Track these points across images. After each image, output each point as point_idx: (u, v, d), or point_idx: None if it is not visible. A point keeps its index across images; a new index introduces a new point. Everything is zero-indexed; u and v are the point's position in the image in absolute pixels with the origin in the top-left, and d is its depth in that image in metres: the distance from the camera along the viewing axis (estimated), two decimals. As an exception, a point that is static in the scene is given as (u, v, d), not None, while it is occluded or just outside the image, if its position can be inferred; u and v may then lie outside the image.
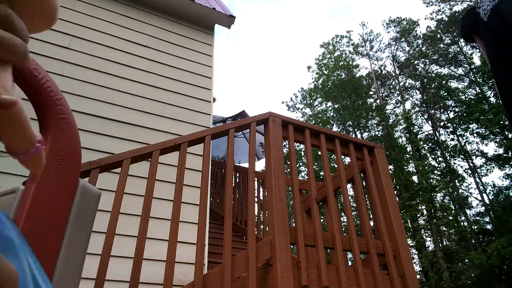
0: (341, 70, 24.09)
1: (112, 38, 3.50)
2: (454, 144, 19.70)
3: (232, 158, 2.20)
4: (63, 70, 3.08)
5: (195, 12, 4.03)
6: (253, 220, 1.96)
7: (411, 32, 22.83)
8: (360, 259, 2.05)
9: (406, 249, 2.22)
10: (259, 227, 4.75)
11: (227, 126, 2.22)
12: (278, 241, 1.83)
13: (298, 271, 1.82)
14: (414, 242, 17.09)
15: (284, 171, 2.16)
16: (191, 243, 2.72)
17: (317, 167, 16.67)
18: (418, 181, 18.18)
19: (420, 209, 17.27)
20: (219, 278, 1.70)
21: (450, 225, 17.28)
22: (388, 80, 23.67)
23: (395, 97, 23.46)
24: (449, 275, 15.38)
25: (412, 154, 19.72)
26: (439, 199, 18.56)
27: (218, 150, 8.45)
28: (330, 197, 2.25)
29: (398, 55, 23.56)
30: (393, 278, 2.05)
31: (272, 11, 72.37)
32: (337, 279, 1.92)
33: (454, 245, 17.24)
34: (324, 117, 23.84)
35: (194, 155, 2.99)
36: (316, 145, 2.42)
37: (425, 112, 21.89)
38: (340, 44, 25.31)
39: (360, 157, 2.55)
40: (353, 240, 2.10)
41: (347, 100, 23.22)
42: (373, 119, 22.69)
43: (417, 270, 16.94)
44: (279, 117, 2.33)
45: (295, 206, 2.09)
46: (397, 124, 21.35)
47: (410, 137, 19.67)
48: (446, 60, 21.52)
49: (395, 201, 2.42)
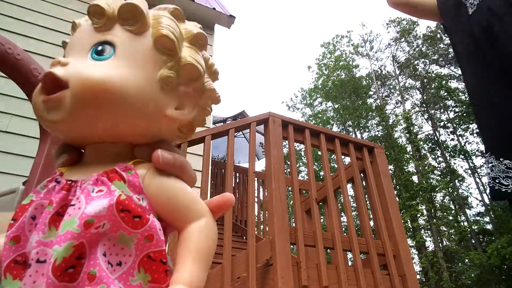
0: (341, 70, 24.07)
1: (112, 38, 3.50)
2: (454, 144, 19.68)
3: (232, 158, 2.20)
4: (63, 70, 3.08)
5: (195, 12, 4.03)
6: (253, 220, 1.96)
7: (411, 32, 22.82)
8: (360, 259, 2.05)
9: (406, 249, 2.22)
10: (259, 227, 4.75)
11: (227, 126, 2.22)
12: (278, 241, 1.83)
13: (298, 271, 1.82)
14: (414, 242, 17.07)
15: (284, 171, 2.16)
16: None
17: (317, 167, 16.67)
18: (418, 181, 18.17)
19: (420, 209, 17.26)
20: (219, 278, 1.70)
21: (450, 225, 17.27)
22: (388, 80, 23.67)
23: (395, 97, 23.46)
24: (449, 275, 15.38)
25: (412, 154, 19.71)
26: (439, 199, 18.55)
27: (218, 150, 8.44)
28: (330, 197, 2.25)
29: (398, 55, 23.56)
30: (393, 278, 2.05)
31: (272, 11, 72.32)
32: (337, 279, 1.92)
33: (454, 245, 17.23)
34: (324, 117, 23.83)
35: (194, 155, 2.99)
36: (316, 145, 2.42)
37: (425, 112, 21.89)
38: (340, 44, 25.30)
39: (360, 157, 2.55)
40: (353, 240, 2.10)
41: (347, 100, 23.21)
42: (373, 119, 22.67)
43: (417, 270, 16.94)
44: (279, 117, 2.33)
45: (295, 206, 2.09)
46: (397, 124, 21.34)
47: (410, 137, 19.67)
48: (446, 60, 21.51)
49: (395, 201, 2.42)
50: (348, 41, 25.22)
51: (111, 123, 0.40)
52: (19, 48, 0.98)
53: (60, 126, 0.40)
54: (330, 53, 25.17)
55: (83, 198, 0.36)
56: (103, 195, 0.36)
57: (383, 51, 24.28)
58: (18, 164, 2.49)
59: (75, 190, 0.38)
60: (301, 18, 64.71)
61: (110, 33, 0.42)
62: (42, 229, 0.35)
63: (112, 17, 0.42)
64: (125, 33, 0.42)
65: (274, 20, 78.14)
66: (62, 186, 0.39)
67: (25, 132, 2.65)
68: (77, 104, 0.37)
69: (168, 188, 0.41)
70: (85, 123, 0.39)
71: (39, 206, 0.38)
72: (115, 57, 0.40)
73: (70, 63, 0.39)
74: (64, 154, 0.44)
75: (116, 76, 0.38)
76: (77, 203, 0.36)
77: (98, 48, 0.41)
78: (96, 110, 0.38)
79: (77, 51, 0.42)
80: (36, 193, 0.40)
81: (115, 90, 0.38)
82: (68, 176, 0.40)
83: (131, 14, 0.42)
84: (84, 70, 0.38)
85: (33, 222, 0.37)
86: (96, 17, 0.42)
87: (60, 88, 0.38)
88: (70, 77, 0.37)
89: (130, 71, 0.39)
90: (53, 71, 0.38)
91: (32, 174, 0.94)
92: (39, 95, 0.40)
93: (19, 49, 0.98)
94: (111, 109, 0.38)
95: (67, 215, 0.35)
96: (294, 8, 64.08)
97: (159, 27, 0.42)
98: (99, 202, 0.35)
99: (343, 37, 25.35)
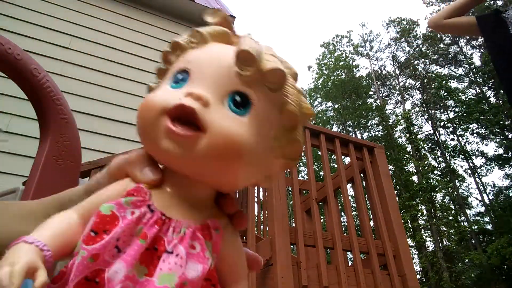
0: (341, 70, 24.09)
1: (112, 38, 3.50)
2: (454, 144, 19.69)
3: (232, 158, 2.20)
4: (63, 70, 3.08)
5: (195, 12, 4.03)
6: (253, 220, 1.96)
7: (411, 32, 22.83)
8: (360, 259, 2.05)
9: (406, 249, 2.22)
10: (259, 227, 4.75)
11: (227, 126, 2.22)
12: (278, 241, 1.83)
13: (298, 271, 1.82)
14: (414, 242, 17.08)
15: (284, 171, 2.16)
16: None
17: (317, 167, 16.66)
18: (418, 181, 18.18)
19: (420, 209, 17.27)
20: (219, 278, 1.70)
21: (450, 225, 17.28)
22: (388, 80, 23.68)
23: (395, 97, 23.47)
24: (449, 275, 15.38)
25: (412, 154, 19.72)
26: (439, 199, 18.56)
27: (218, 150, 8.44)
28: (330, 197, 2.25)
29: (398, 55, 23.57)
30: (393, 278, 2.05)
31: (272, 11, 72.30)
32: (337, 279, 1.92)
33: (454, 245, 17.23)
34: (324, 117, 23.85)
35: (194, 155, 2.99)
36: (316, 145, 2.42)
37: (425, 112, 21.89)
38: (340, 44, 25.32)
39: (360, 157, 2.55)
40: (353, 240, 2.10)
41: (347, 100, 23.22)
42: (373, 119, 22.69)
43: (417, 270, 16.94)
44: (279, 117, 2.33)
45: (295, 206, 2.10)
46: (397, 124, 21.35)
47: (410, 137, 19.67)
48: (446, 60, 21.52)
49: (395, 201, 2.42)
50: (348, 41, 25.24)
51: (229, 176, 0.40)
52: (19, 48, 0.98)
53: (179, 162, 0.38)
54: (330, 53, 25.19)
55: (183, 252, 0.35)
56: (199, 257, 0.36)
57: (383, 51, 24.30)
58: (18, 164, 2.49)
59: (168, 229, 0.37)
60: (301, 18, 64.71)
61: (251, 86, 0.40)
62: (131, 262, 0.34)
63: (258, 72, 0.39)
64: (263, 92, 0.40)
65: (274, 20, 78.13)
66: (156, 219, 0.37)
67: (25, 132, 2.65)
68: (211, 154, 0.36)
69: (237, 254, 0.42)
70: (207, 171, 0.38)
71: (128, 230, 0.35)
72: (250, 116, 0.39)
73: (211, 107, 0.37)
74: (150, 168, 0.41)
75: (250, 138, 0.38)
76: (177, 256, 0.35)
77: (236, 98, 0.39)
78: (223, 162, 0.38)
79: (212, 90, 0.39)
80: (120, 208, 0.36)
81: (247, 152, 0.37)
82: (158, 204, 0.39)
83: (277, 79, 0.40)
84: (226, 124, 0.37)
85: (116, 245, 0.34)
86: (245, 64, 0.39)
87: (192, 125, 0.36)
88: (211, 126, 0.36)
89: (260, 136, 0.39)
90: (196, 110, 0.36)
91: (32, 174, 0.94)
92: (162, 116, 0.37)
93: (19, 49, 0.98)
94: (236, 165, 0.38)
95: (167, 267, 0.34)
96: (294, 8, 64.08)
97: (288, 100, 0.41)
98: (196, 267, 0.35)
99: (343, 37, 25.37)
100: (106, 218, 0.35)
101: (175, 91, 0.40)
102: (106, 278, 0.33)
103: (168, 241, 0.36)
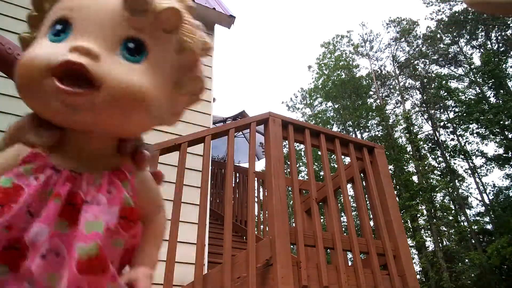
0: (341, 70, 24.07)
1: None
2: (454, 144, 19.67)
3: (232, 158, 2.20)
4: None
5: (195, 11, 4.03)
6: (253, 220, 1.96)
7: (411, 32, 22.81)
8: (360, 259, 2.05)
9: (406, 249, 2.21)
10: (259, 227, 4.75)
11: (227, 126, 2.22)
12: (278, 241, 1.82)
13: (298, 271, 1.82)
14: (414, 242, 17.07)
15: (284, 171, 2.16)
16: (191, 243, 2.71)
17: (317, 167, 16.65)
18: (418, 181, 18.17)
19: (420, 209, 17.25)
20: (219, 278, 1.70)
21: (450, 225, 17.27)
22: (388, 80, 23.66)
23: (395, 97, 23.45)
24: (449, 275, 15.37)
25: (412, 154, 19.71)
26: (439, 199, 18.54)
27: (218, 150, 8.43)
28: (330, 197, 2.25)
29: (398, 55, 23.55)
30: (393, 278, 2.05)
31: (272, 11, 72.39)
32: (337, 279, 1.92)
33: (454, 245, 17.22)
34: (324, 117, 23.83)
35: (194, 155, 2.99)
36: (316, 145, 2.42)
37: (425, 112, 21.88)
38: (340, 44, 25.30)
39: (360, 157, 2.55)
40: (353, 240, 2.10)
41: (347, 100, 23.21)
42: (373, 119, 22.66)
43: (417, 270, 16.93)
44: (279, 117, 2.33)
45: (295, 206, 2.09)
46: (397, 124, 21.33)
47: (410, 137, 19.65)
48: (446, 60, 21.51)
49: (395, 201, 2.42)
50: (348, 41, 25.21)
51: (132, 126, 0.39)
52: (19, 48, 0.97)
53: (77, 120, 0.36)
54: (330, 53, 25.17)
55: (104, 200, 0.36)
56: (115, 199, 0.37)
57: (383, 51, 24.27)
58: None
59: (80, 183, 0.37)
60: (301, 18, 64.74)
61: (145, 31, 0.37)
62: (50, 221, 0.34)
63: (151, 14, 0.37)
64: (158, 35, 0.38)
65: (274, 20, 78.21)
66: (66, 177, 0.37)
67: (25, 132, 2.64)
68: (112, 109, 0.35)
69: (151, 190, 0.44)
70: (110, 124, 0.37)
71: (37, 194, 0.35)
72: (147, 62, 0.37)
73: (102, 60, 0.34)
74: (41, 130, 0.39)
75: (151, 87, 0.36)
76: (99, 205, 0.36)
77: (130, 45, 0.36)
78: (126, 115, 0.36)
79: (101, 39, 0.35)
80: (21, 177, 0.36)
81: (150, 101, 0.36)
82: (59, 162, 0.38)
83: (172, 20, 0.38)
84: (122, 75, 0.34)
85: (28, 211, 0.35)
86: (135, 6, 0.36)
87: (85, 82, 0.34)
88: (106, 79, 0.34)
89: (160, 82, 0.38)
90: (85, 65, 0.33)
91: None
92: (46, 75, 0.34)
93: (19, 49, 0.97)
94: (139, 116, 0.37)
95: (91, 216, 0.34)
96: (294, 8, 64.12)
97: (186, 39, 0.41)
98: (114, 209, 0.37)
99: (343, 37, 25.34)
100: (9, 191, 0.35)
101: (58, 45, 0.36)
102: (28, 242, 0.33)
103: (84, 194, 0.37)
